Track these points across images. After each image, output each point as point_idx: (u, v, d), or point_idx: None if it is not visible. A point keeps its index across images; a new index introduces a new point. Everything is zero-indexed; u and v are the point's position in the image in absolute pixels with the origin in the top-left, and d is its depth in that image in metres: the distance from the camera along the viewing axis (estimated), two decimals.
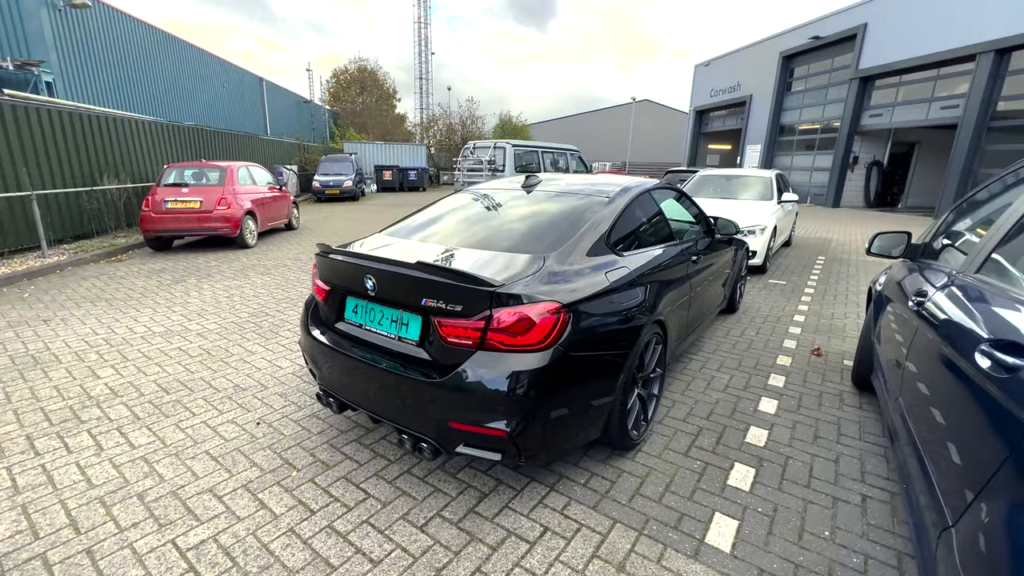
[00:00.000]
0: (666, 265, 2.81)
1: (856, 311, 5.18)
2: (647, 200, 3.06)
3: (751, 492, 2.25)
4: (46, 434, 2.66)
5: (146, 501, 2.15)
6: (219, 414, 2.89)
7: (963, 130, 14.62)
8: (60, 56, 14.13)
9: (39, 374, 3.39)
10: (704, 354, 3.90)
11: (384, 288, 2.09)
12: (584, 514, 2.10)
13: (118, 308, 4.90)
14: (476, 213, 2.91)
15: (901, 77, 17.25)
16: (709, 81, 27.94)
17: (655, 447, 2.60)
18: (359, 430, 2.72)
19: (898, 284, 2.54)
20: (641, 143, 45.51)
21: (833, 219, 14.87)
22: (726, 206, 6.98)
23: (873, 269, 7.28)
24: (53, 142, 7.71)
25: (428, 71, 43.38)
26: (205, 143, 12.38)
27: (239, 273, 6.49)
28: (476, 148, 11.05)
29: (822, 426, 2.84)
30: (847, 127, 18.81)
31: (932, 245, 2.51)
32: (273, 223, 9.58)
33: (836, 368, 3.68)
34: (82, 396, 3.08)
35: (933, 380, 1.62)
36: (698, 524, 2.04)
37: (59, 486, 2.24)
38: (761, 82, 23.38)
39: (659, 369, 2.73)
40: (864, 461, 2.50)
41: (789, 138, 22.67)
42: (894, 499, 2.22)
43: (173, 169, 8.17)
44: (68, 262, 6.77)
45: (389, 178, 22.80)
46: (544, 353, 1.88)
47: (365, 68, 39.22)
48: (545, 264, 2.13)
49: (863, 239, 10.56)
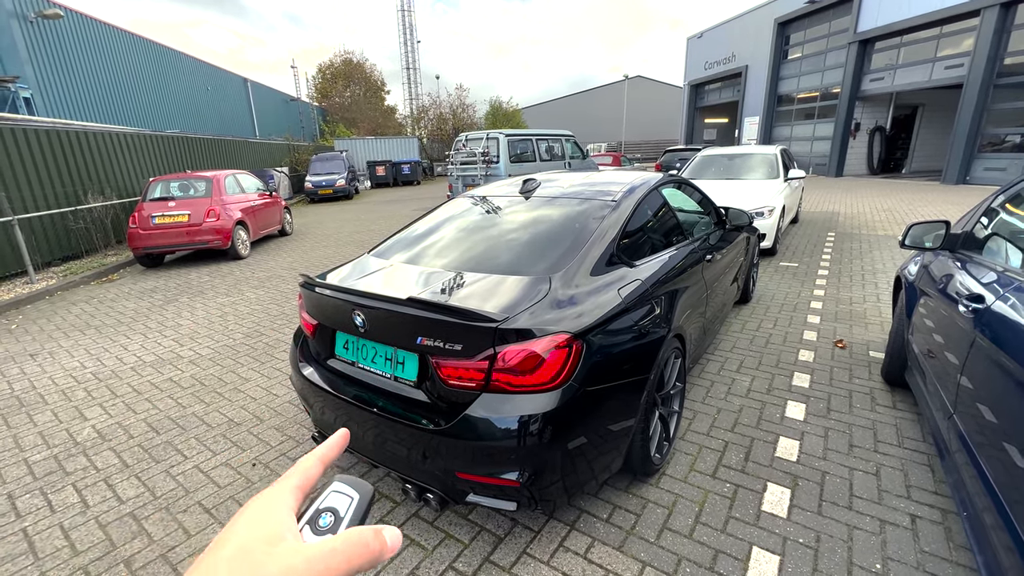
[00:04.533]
0: (681, 269, 2.59)
1: (875, 293, 4.96)
2: (655, 198, 2.83)
3: (789, 519, 2.07)
4: (29, 491, 2.49)
5: (133, 568, 1.98)
6: (212, 455, 2.71)
7: (968, 89, 14.18)
8: (36, 70, 13.78)
9: (24, 419, 3.22)
10: (721, 353, 3.70)
11: (375, 326, 1.88)
12: (610, 557, 1.92)
13: (108, 336, 4.72)
14: (470, 226, 2.68)
15: (902, 38, 16.73)
16: (703, 53, 27.27)
17: (680, 469, 2.41)
18: (361, 467, 2.54)
19: (938, 279, 2.32)
20: (636, 121, 44.74)
21: (838, 189, 14.53)
22: (732, 187, 6.72)
23: (888, 246, 7.03)
24: (32, 163, 7.45)
25: (415, 60, 42.57)
26: (191, 151, 12.08)
27: (232, 288, 6.29)
28: (469, 140, 10.72)
29: (856, 432, 2.64)
30: (847, 93, 18.33)
31: (974, 235, 2.28)
32: (266, 231, 9.35)
33: (862, 361, 3.47)
34: (68, 443, 2.91)
35: (1006, 409, 1.41)
36: (736, 563, 1.86)
37: (40, 555, 2.07)
38: (756, 51, 22.77)
39: (679, 384, 2.53)
40: (907, 472, 2.31)
41: (788, 108, 22.16)
42: (947, 519, 2.03)
43: (159, 182, 7.92)
44: (57, 286, 6.58)
45: (382, 173, 22.44)
46: (556, 392, 1.68)
47: (351, 61, 38.44)
48: (551, 288, 1.91)
49: (871, 211, 10.27)
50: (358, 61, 38.55)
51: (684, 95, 29.65)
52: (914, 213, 9.72)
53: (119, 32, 18.21)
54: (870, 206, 10.91)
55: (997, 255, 2.02)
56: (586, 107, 49.68)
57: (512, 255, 2.27)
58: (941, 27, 15.40)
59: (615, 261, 2.22)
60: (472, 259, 2.30)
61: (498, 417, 1.66)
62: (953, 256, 2.33)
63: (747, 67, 23.69)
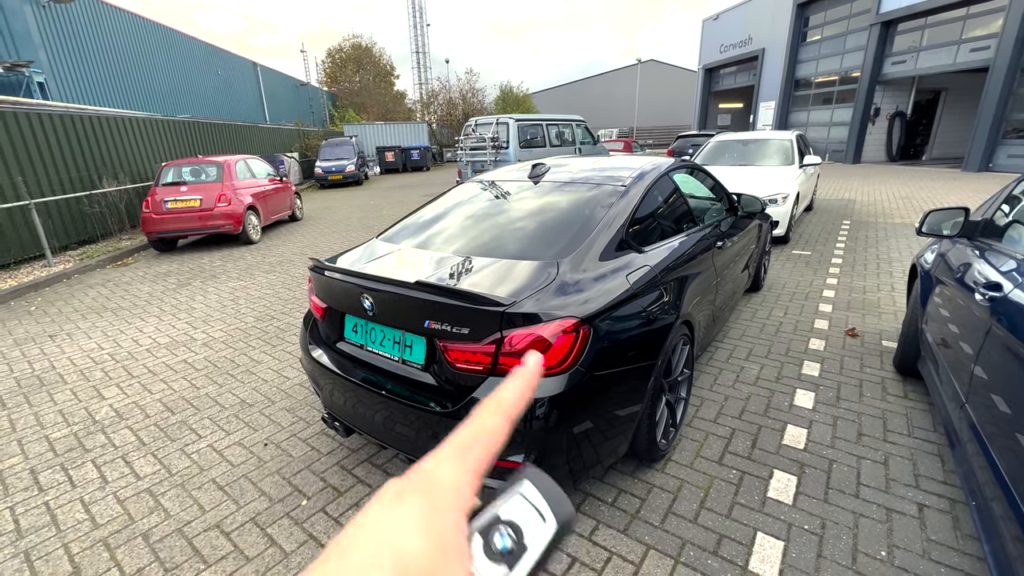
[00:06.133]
0: (691, 255, 2.56)
1: (889, 282, 4.88)
2: (666, 183, 2.79)
3: (794, 506, 2.07)
4: (50, 466, 2.57)
5: (151, 542, 2.04)
6: (225, 435, 2.77)
7: (995, 73, 13.70)
8: (49, 55, 13.86)
9: (44, 397, 3.31)
10: (731, 340, 3.67)
11: (383, 309, 1.90)
12: (614, 540, 1.94)
13: (124, 318, 4.82)
14: (478, 211, 2.67)
15: (927, 19, 16.16)
16: (718, 35, 26.60)
17: (686, 455, 2.42)
18: (370, 448, 2.58)
19: (955, 267, 2.27)
20: (648, 106, 44.02)
21: (854, 176, 14.21)
22: (746, 174, 6.61)
23: (904, 234, 6.89)
24: (47, 147, 7.55)
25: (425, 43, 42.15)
26: (202, 136, 12.15)
27: (244, 272, 6.36)
28: (478, 125, 10.62)
29: (866, 421, 2.62)
30: (868, 77, 17.81)
31: (994, 222, 2.23)
32: (276, 216, 9.41)
33: (874, 351, 3.43)
34: (87, 421, 2.99)
35: (1020, 399, 1.39)
36: (740, 548, 1.87)
37: (63, 527, 2.15)
38: (774, 34, 22.16)
39: (687, 370, 2.52)
40: (916, 462, 2.30)
41: (805, 92, 21.61)
42: (955, 508, 2.02)
43: (171, 167, 7.99)
44: (74, 269, 6.70)
45: (392, 159, 22.39)
46: (563, 377, 1.69)
47: (360, 45, 38.15)
48: (558, 272, 1.91)
49: (888, 199, 10.05)
50: (367, 45, 38.25)
51: (698, 79, 29.04)
52: (933, 201, 9.49)
53: (130, 16, 18.21)
54: (887, 194, 10.67)
55: (1018, 243, 1.97)
56: (598, 92, 48.91)
57: (520, 240, 2.26)
58: (968, 7, 14.84)
59: (624, 247, 2.20)
60: (480, 244, 2.30)
61: None
62: (971, 244, 2.28)
63: (764, 50, 23.08)
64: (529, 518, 0.26)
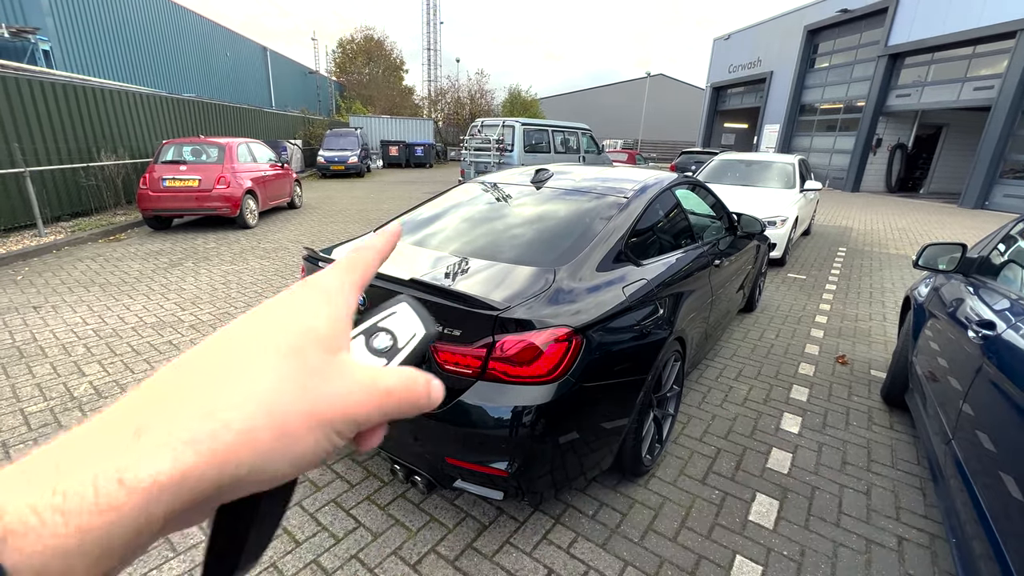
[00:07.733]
0: (688, 272, 2.56)
1: (881, 312, 4.91)
2: (668, 198, 2.79)
3: (775, 531, 2.06)
4: (24, 440, 2.52)
5: None
6: None
7: (996, 113, 13.89)
8: (57, 23, 13.72)
9: (23, 369, 3.25)
10: (721, 360, 3.67)
11: (374, 304, 1.87)
12: (592, 553, 1.92)
13: (111, 294, 4.74)
14: (479, 213, 2.65)
15: (933, 55, 16.37)
16: (728, 55, 26.83)
17: (670, 472, 2.40)
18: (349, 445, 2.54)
19: (949, 302, 2.28)
20: (654, 120, 44.25)
21: (853, 204, 14.35)
22: (746, 194, 6.63)
23: (899, 265, 6.95)
24: (47, 116, 7.45)
25: (437, 41, 42.18)
26: (206, 116, 12.04)
27: (237, 257, 6.30)
28: (484, 126, 10.63)
29: (851, 450, 2.62)
30: (872, 107, 18.01)
31: (991, 260, 2.24)
32: (275, 202, 9.33)
33: (863, 379, 3.44)
34: (64, 397, 2.93)
35: (1008, 439, 1.39)
36: (718, 570, 1.86)
37: None
38: (783, 58, 22.37)
39: (676, 387, 2.51)
40: (898, 494, 2.30)
41: (809, 118, 21.82)
42: (934, 543, 2.01)
43: (171, 145, 7.90)
44: (65, 241, 6.60)
45: (395, 154, 22.32)
46: (552, 386, 1.67)
47: (372, 38, 38.12)
48: (555, 280, 1.89)
49: (885, 229, 10.15)
50: (379, 39, 38.23)
51: (705, 97, 29.26)
52: (929, 234, 9.59)
53: None
54: (884, 224, 10.77)
55: (1013, 283, 1.98)
56: (605, 102, 49.11)
57: (519, 245, 2.25)
58: (975, 47, 15.05)
59: (622, 259, 2.19)
60: (478, 246, 2.28)
61: (492, 406, 1.65)
62: (967, 280, 2.29)
63: (772, 73, 23.30)
64: (403, 328, 0.32)
